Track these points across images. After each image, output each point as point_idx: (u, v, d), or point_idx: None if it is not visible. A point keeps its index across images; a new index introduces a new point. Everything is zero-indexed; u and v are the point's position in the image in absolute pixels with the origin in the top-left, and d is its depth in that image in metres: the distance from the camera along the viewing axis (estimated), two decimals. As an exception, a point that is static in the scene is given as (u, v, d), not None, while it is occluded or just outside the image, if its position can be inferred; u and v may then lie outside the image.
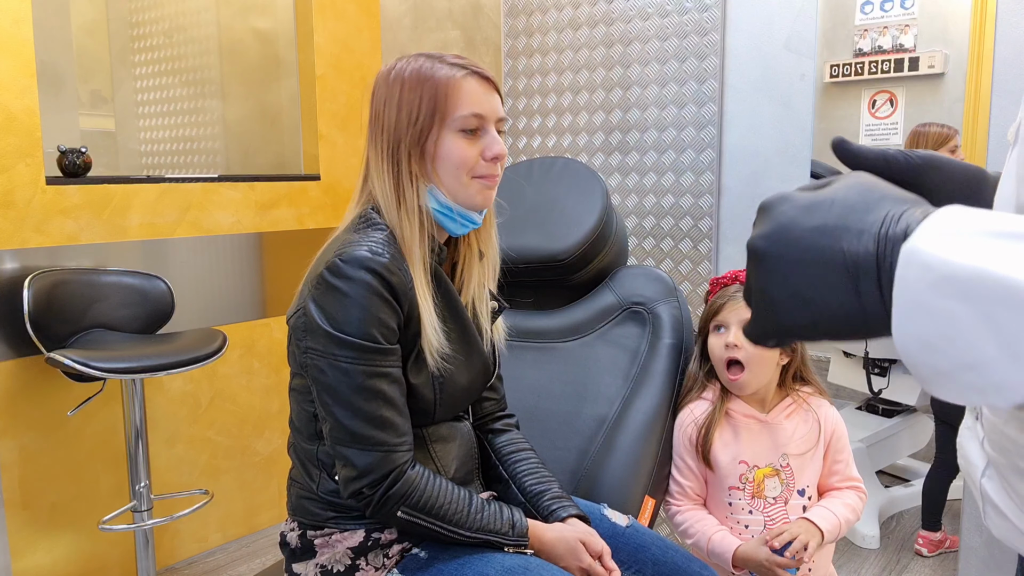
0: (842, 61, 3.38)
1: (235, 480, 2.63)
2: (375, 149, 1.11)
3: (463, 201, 1.10)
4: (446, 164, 1.08)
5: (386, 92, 1.10)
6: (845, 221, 0.50)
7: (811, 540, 1.30)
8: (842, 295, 0.49)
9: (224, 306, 2.55)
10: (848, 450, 1.42)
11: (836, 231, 0.50)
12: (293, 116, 2.92)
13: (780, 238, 0.52)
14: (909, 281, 0.45)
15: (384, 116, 1.10)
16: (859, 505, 1.39)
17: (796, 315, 0.52)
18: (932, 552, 2.44)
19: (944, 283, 0.43)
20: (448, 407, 1.15)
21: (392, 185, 1.09)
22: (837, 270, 0.49)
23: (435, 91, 1.07)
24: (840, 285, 0.49)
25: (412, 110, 1.07)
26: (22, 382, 2.09)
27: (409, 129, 1.07)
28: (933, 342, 0.44)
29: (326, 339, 1.02)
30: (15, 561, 2.11)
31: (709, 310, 1.41)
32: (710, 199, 2.05)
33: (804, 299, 0.51)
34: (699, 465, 1.43)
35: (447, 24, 2.93)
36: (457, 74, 1.07)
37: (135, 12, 3.27)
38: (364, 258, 1.01)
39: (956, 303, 0.43)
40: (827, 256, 0.50)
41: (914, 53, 3.19)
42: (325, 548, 1.12)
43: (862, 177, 0.54)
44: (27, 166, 2.06)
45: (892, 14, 3.25)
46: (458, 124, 1.07)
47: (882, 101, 3.28)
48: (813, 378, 1.46)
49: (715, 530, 1.38)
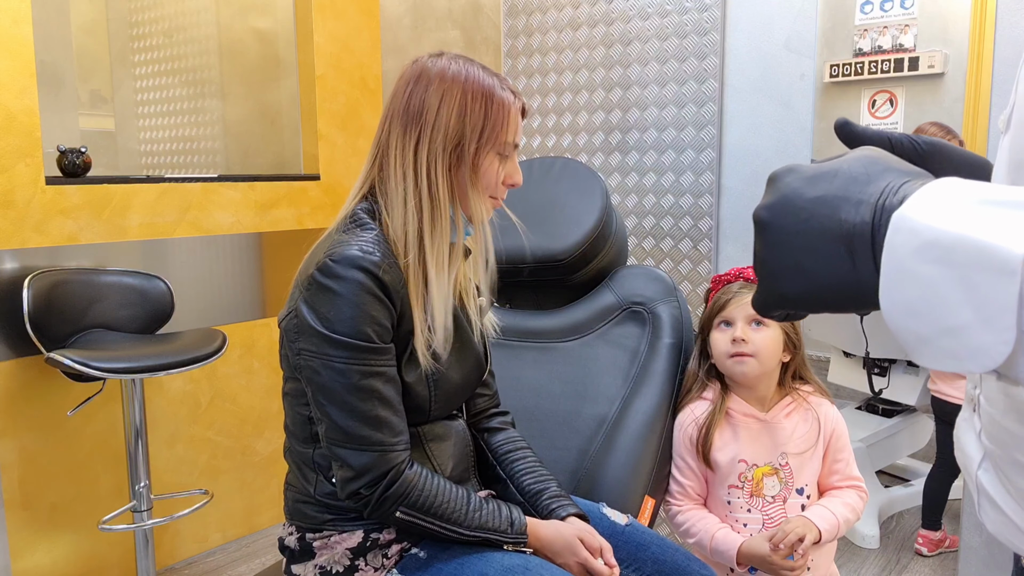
0: (842, 61, 3.38)
1: (235, 480, 2.63)
2: (410, 139, 1.09)
3: (471, 214, 1.12)
4: (481, 179, 1.10)
5: (443, 90, 1.08)
6: (846, 192, 0.50)
7: (808, 535, 1.30)
8: (838, 264, 0.50)
9: (224, 306, 2.55)
10: (849, 449, 1.42)
11: (836, 201, 0.50)
12: (293, 116, 2.92)
13: (782, 208, 0.53)
14: (896, 247, 0.45)
15: (442, 114, 1.08)
16: (859, 504, 1.39)
17: (795, 284, 0.52)
18: (932, 551, 2.44)
19: (928, 248, 0.44)
20: (443, 404, 1.15)
21: (428, 182, 1.08)
22: (834, 239, 0.50)
23: (498, 112, 1.10)
24: (837, 254, 0.50)
25: (476, 122, 1.08)
26: (22, 382, 2.09)
27: (474, 138, 1.08)
28: (916, 307, 0.45)
29: (319, 340, 1.01)
30: (15, 561, 2.11)
31: (713, 307, 1.40)
32: (710, 199, 2.05)
33: (803, 268, 0.51)
34: (699, 465, 1.42)
35: (447, 24, 2.93)
36: (514, 104, 1.12)
37: (135, 12, 3.27)
38: (355, 257, 1.01)
39: (938, 268, 0.43)
40: (825, 225, 0.50)
41: (914, 53, 3.19)
42: (324, 550, 1.12)
43: (870, 151, 0.54)
44: (27, 166, 2.06)
45: (892, 14, 3.25)
46: (501, 148, 1.11)
47: (882, 101, 3.27)
48: (813, 378, 1.46)
49: (717, 528, 1.38)
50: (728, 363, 1.37)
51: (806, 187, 0.52)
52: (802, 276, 0.52)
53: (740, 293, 1.37)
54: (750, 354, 1.34)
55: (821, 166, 0.53)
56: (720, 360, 1.39)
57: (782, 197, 0.53)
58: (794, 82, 1.90)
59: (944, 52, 3.14)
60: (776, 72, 1.92)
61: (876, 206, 0.48)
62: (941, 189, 0.46)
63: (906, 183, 0.49)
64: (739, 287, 1.39)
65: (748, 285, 1.38)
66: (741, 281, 1.40)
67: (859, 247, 0.49)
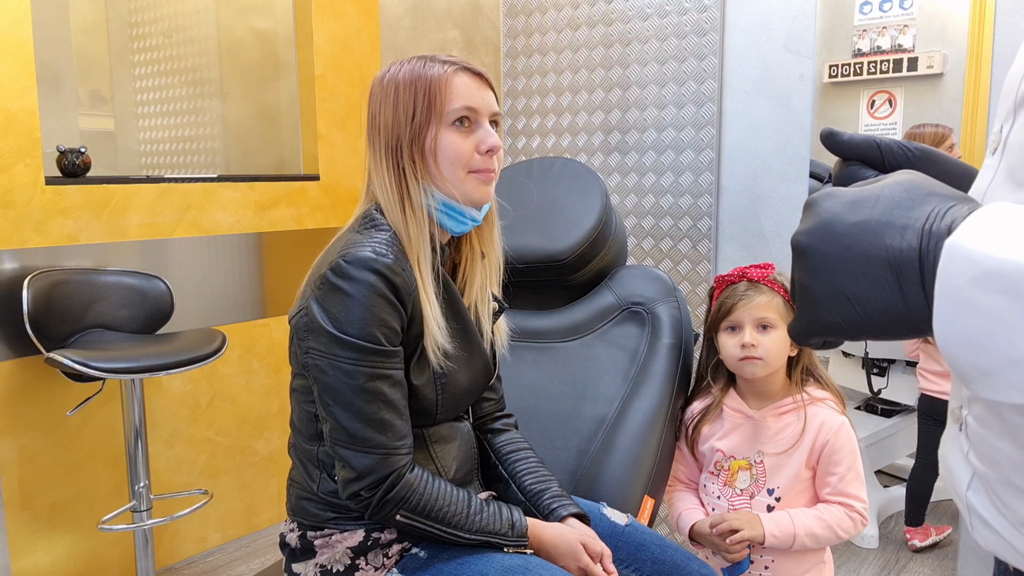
0: (841, 61, 3.38)
1: (234, 480, 2.63)
2: (374, 152, 1.12)
3: (461, 197, 1.10)
4: (443, 159, 1.09)
5: (381, 95, 1.12)
6: (889, 217, 0.49)
7: (744, 531, 1.32)
8: (885, 291, 0.48)
9: (223, 306, 2.55)
10: (847, 464, 1.36)
11: (879, 227, 0.49)
12: (292, 116, 2.92)
13: (823, 234, 0.51)
14: (951, 276, 0.44)
15: (381, 118, 1.11)
16: (844, 523, 1.34)
17: (838, 312, 0.51)
18: (924, 541, 2.44)
19: (987, 278, 0.42)
20: (450, 407, 1.15)
21: (394, 185, 1.09)
22: (880, 266, 0.48)
23: (428, 88, 1.08)
24: (883, 281, 0.48)
25: (408, 109, 1.08)
26: (21, 382, 2.09)
27: (407, 127, 1.09)
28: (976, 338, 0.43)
29: (328, 339, 1.02)
30: (15, 561, 2.11)
31: (719, 310, 1.40)
32: (709, 199, 2.05)
33: (846, 295, 0.50)
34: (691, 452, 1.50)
35: (446, 24, 2.93)
36: (448, 70, 1.09)
37: (134, 12, 3.27)
38: (368, 259, 1.01)
39: (999, 298, 0.42)
40: (870, 252, 0.49)
41: (913, 53, 3.19)
42: (325, 548, 1.12)
43: (910, 175, 0.53)
44: (26, 166, 2.06)
45: (891, 14, 3.26)
46: (451, 117, 1.08)
47: (881, 101, 3.28)
48: (830, 382, 1.44)
49: (686, 508, 1.46)
50: (737, 365, 1.39)
51: (847, 212, 0.51)
52: (847, 304, 0.50)
53: (746, 295, 1.37)
54: (759, 357, 1.35)
55: (861, 191, 0.52)
56: (730, 362, 1.40)
57: (822, 222, 0.51)
58: (793, 82, 1.90)
59: (943, 52, 3.14)
60: (775, 72, 1.92)
61: (923, 231, 0.47)
62: (992, 215, 0.45)
63: (952, 207, 0.48)
64: (744, 288, 1.38)
65: (753, 286, 1.38)
66: (745, 282, 1.39)
67: (907, 274, 0.47)
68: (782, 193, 1.96)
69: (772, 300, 1.36)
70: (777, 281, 1.38)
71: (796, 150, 1.93)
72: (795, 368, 1.42)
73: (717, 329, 1.41)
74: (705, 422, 1.45)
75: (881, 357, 2.77)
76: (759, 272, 1.39)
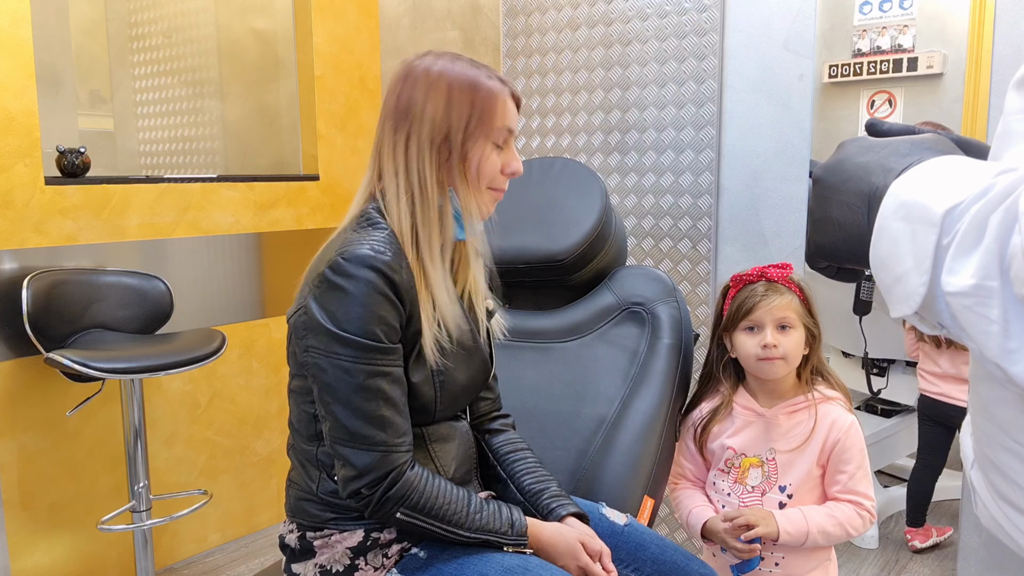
0: (841, 61, 3.38)
1: (234, 480, 2.63)
2: (400, 135, 1.10)
3: (476, 208, 1.12)
4: (476, 171, 1.10)
5: (428, 85, 1.09)
6: (885, 161, 0.56)
7: (759, 527, 1.32)
8: (858, 218, 0.56)
9: (223, 306, 2.55)
10: (857, 463, 1.37)
11: (874, 167, 0.56)
12: (292, 116, 2.92)
13: (834, 168, 0.60)
14: (884, 208, 0.52)
15: (428, 109, 1.09)
16: (854, 521, 1.36)
17: (827, 233, 0.59)
18: (924, 542, 2.44)
19: (899, 208, 0.50)
20: (448, 405, 1.15)
21: (418, 177, 1.08)
22: (861, 198, 0.56)
23: (485, 100, 1.09)
24: (858, 210, 0.56)
25: (462, 112, 1.08)
26: (21, 382, 2.09)
27: (460, 130, 1.08)
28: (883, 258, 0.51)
29: (327, 337, 1.02)
30: (14, 561, 2.11)
31: (738, 310, 1.39)
32: (709, 199, 2.05)
33: (834, 219, 0.58)
34: (699, 451, 1.48)
35: (446, 24, 2.93)
36: (502, 89, 1.12)
37: (134, 12, 3.27)
38: (367, 256, 1.02)
39: (902, 224, 0.49)
40: (858, 187, 0.57)
41: (913, 53, 3.19)
42: (324, 548, 1.12)
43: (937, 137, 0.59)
44: (26, 166, 2.06)
45: (891, 14, 3.26)
46: (497, 135, 1.10)
47: (881, 101, 3.28)
48: (838, 380, 1.45)
49: (696, 505, 1.45)
50: (756, 365, 1.38)
51: (859, 154, 0.59)
52: (832, 226, 0.59)
53: (767, 296, 1.36)
54: (780, 357, 1.36)
55: (878, 140, 0.60)
56: (748, 362, 1.40)
57: (838, 160, 0.60)
58: (793, 82, 1.90)
59: (943, 52, 3.14)
60: (775, 73, 1.92)
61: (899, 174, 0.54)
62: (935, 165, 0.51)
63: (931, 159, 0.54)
64: (764, 289, 1.38)
65: (773, 286, 1.38)
66: (764, 282, 1.39)
67: (874, 207, 0.54)
68: (782, 193, 1.95)
69: (791, 301, 1.37)
70: (795, 282, 1.38)
71: (796, 150, 1.93)
72: (805, 367, 1.42)
73: (734, 328, 1.40)
74: (715, 421, 1.44)
75: (881, 357, 2.77)
76: (778, 272, 1.39)
